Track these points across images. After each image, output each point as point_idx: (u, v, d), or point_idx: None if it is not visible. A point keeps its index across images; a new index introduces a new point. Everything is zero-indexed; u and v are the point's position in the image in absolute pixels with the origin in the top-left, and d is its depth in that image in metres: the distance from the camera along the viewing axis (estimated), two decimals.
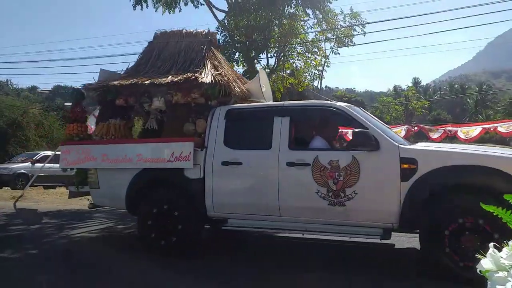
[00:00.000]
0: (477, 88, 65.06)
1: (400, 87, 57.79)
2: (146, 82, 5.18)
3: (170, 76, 5.14)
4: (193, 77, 4.99)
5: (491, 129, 12.32)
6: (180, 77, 5.04)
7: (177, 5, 13.40)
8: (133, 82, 5.27)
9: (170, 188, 5.10)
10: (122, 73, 5.93)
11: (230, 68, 6.30)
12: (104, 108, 5.92)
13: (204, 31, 5.96)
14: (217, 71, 5.31)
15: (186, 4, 13.57)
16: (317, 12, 12.56)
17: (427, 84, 78.35)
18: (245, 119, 4.98)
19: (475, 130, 12.10)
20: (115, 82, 5.42)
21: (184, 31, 6.00)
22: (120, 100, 5.48)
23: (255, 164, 4.54)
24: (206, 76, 5.04)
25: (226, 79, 5.20)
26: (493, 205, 1.24)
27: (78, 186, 5.74)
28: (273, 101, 6.77)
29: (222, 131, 4.77)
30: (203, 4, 13.79)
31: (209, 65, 5.39)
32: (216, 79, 5.03)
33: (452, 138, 13.60)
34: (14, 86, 69.25)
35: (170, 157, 4.80)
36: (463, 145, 7.12)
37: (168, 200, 4.91)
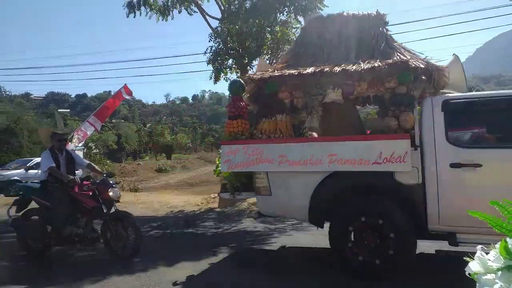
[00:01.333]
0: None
1: None
2: (337, 69, 4.32)
3: (366, 63, 4.29)
4: (399, 62, 4.11)
5: None
6: (380, 63, 4.17)
7: (170, 12, 13.45)
8: (309, 71, 4.44)
9: (375, 195, 4.27)
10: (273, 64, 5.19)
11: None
12: (262, 103, 5.19)
13: (372, 13, 5.08)
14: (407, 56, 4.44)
15: (180, 12, 13.62)
16: None
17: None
18: (477, 110, 4.10)
19: None
20: (286, 72, 4.62)
21: (345, 13, 5.15)
22: (285, 93, 4.78)
23: (502, 166, 3.75)
24: (417, 61, 4.16)
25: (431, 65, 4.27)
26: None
27: (234, 192, 5.04)
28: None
29: (442, 126, 3.99)
30: (196, 12, 13.85)
31: (402, 49, 4.62)
32: (422, 65, 4.13)
33: None
34: (8, 93, 68.63)
35: (378, 158, 4.00)
36: None
37: (374, 210, 4.12)
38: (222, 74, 13.52)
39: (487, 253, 1.18)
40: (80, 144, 10.88)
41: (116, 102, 11.69)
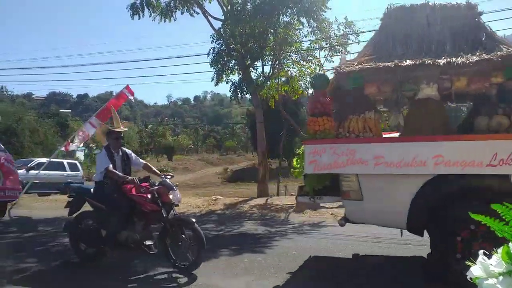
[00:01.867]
0: None
1: None
2: (441, 62, 3.92)
3: (470, 55, 3.92)
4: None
5: None
6: (490, 56, 3.81)
7: (173, 14, 13.49)
8: (409, 64, 4.02)
9: (486, 201, 3.89)
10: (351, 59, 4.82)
11: None
12: (343, 99, 4.78)
13: (461, 3, 4.67)
14: None
15: (182, 13, 13.67)
16: (312, 21, 12.68)
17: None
18: None
19: None
20: (380, 64, 4.20)
21: (430, 3, 4.77)
22: (372, 88, 4.38)
23: None
24: None
25: None
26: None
27: (315, 196, 4.61)
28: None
29: None
30: (199, 13, 13.90)
31: (505, 41, 4.23)
32: None
33: None
34: (9, 93, 68.90)
35: (492, 159, 3.63)
36: None
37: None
38: (224, 76, 13.55)
39: (489, 258, 1.17)
40: (81, 145, 10.90)
41: (118, 103, 11.70)
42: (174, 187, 4.87)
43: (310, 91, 15.59)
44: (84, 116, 51.59)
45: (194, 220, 4.77)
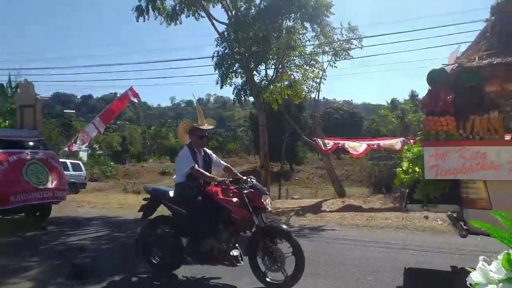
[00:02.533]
0: None
1: (397, 100, 58.10)
2: None
3: None
4: None
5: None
6: None
7: (178, 17, 13.58)
8: None
9: None
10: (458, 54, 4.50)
11: None
12: (463, 97, 4.35)
13: None
14: None
15: (187, 16, 13.76)
16: (315, 26, 12.73)
17: (423, 97, 78.61)
18: None
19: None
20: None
21: None
22: (493, 86, 4.10)
23: None
24: None
25: None
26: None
27: (429, 204, 4.25)
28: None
29: None
30: (204, 17, 13.98)
31: None
32: None
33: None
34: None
35: None
36: None
37: None
38: (228, 79, 13.60)
39: (489, 264, 1.18)
40: (83, 146, 10.95)
41: (123, 104, 11.76)
42: (266, 191, 4.36)
43: (313, 95, 15.68)
44: (88, 116, 51.71)
45: (289, 229, 4.29)
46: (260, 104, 14.39)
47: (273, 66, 14.37)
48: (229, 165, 4.90)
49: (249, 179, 4.37)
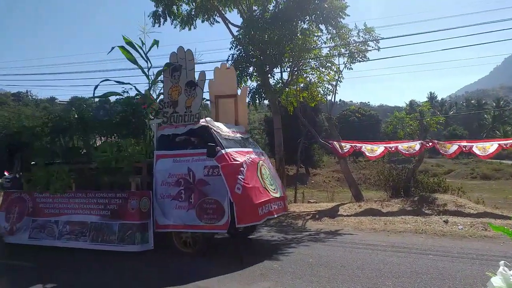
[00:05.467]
0: (494, 104, 64.11)
1: (416, 101, 57.31)
2: None
3: None
4: None
5: (508, 146, 12.14)
6: None
7: (193, 21, 13.74)
8: None
9: None
10: None
11: None
12: None
13: None
14: None
15: (203, 21, 13.91)
16: (330, 28, 12.66)
17: (442, 99, 77.63)
18: None
19: (491, 147, 11.92)
20: None
21: None
22: None
23: None
24: None
25: None
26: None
27: None
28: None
29: None
30: (219, 22, 14.11)
31: None
32: None
33: (467, 154, 13.35)
34: (34, 97, 71.12)
35: None
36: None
37: None
38: (243, 83, 13.64)
39: (510, 269, 1.15)
40: None
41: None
42: None
43: (329, 97, 15.56)
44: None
45: None
46: (275, 107, 14.38)
47: (288, 69, 14.35)
48: None
49: None
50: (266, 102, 15.90)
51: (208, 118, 6.66)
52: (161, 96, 7.23)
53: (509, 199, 14.05)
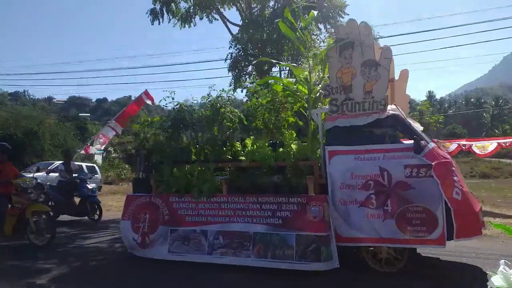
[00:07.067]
0: (493, 102, 64.25)
1: (415, 101, 57.31)
2: None
3: None
4: None
5: (507, 144, 12.13)
6: None
7: (192, 19, 13.69)
8: None
9: None
10: None
11: None
12: None
13: None
14: None
15: (201, 19, 13.86)
16: (329, 27, 12.64)
17: (441, 98, 77.79)
18: None
19: (490, 145, 11.91)
20: None
21: None
22: None
23: None
24: None
25: None
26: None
27: None
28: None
29: None
30: (217, 19, 14.05)
31: None
32: None
33: (467, 152, 13.35)
34: (31, 96, 71.04)
35: None
36: None
37: None
38: (242, 82, 13.61)
39: (510, 268, 1.14)
40: (102, 148, 11.07)
41: (137, 107, 11.85)
42: None
43: None
44: (103, 120, 52.58)
45: None
46: None
47: (287, 68, 14.33)
48: None
49: None
50: None
51: (394, 105, 5.36)
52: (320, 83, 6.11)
53: (508, 197, 14.08)
